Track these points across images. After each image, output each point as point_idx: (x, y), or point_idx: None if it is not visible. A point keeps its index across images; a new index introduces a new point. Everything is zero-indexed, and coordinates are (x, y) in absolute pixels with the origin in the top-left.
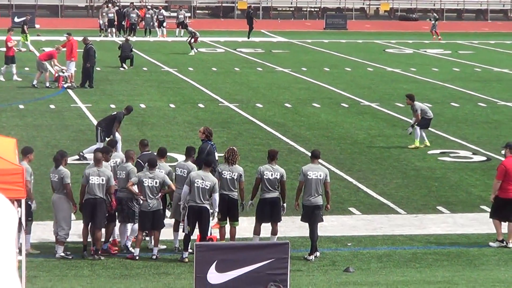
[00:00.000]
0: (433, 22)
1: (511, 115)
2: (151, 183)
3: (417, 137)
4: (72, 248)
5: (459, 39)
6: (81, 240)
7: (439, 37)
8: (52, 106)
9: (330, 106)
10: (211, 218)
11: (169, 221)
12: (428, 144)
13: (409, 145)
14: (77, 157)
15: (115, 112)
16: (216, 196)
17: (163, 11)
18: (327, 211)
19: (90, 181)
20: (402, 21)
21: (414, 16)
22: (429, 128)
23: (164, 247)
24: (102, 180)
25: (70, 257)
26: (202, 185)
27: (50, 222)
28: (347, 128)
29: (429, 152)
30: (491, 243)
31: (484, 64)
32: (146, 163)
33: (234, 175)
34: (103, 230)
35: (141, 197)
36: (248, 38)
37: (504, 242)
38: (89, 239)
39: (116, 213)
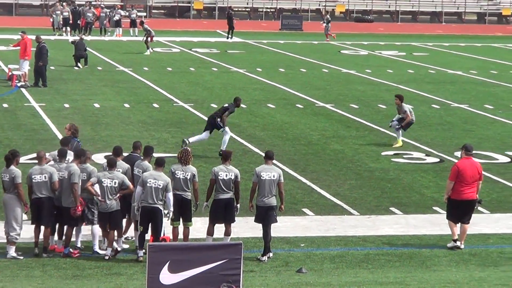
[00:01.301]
0: (325, 24)
1: (464, 117)
2: (110, 184)
3: (399, 136)
4: (24, 248)
5: (414, 41)
6: (33, 240)
7: (333, 35)
8: (5, 105)
9: (285, 107)
10: (165, 218)
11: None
12: (398, 142)
13: (392, 144)
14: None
15: (227, 104)
16: (170, 195)
17: (120, 10)
18: (281, 212)
19: (33, 180)
20: (358, 22)
21: (370, 18)
22: (383, 130)
23: (127, 246)
24: (45, 177)
25: (21, 258)
26: (155, 184)
27: (1, 222)
28: (301, 129)
29: (383, 153)
30: (448, 244)
31: (438, 66)
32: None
33: (187, 175)
34: (70, 232)
35: (100, 197)
36: (230, 38)
37: (458, 242)
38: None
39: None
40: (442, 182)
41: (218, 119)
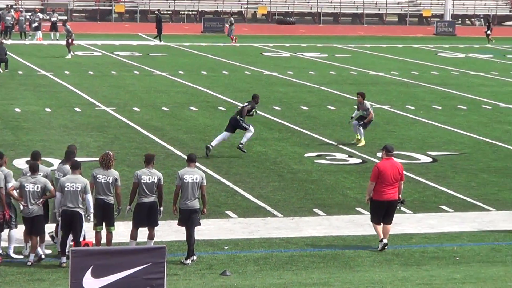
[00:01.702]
0: (228, 26)
1: (386, 118)
2: (32, 188)
3: (362, 135)
4: None
5: (336, 43)
6: None
7: (235, 38)
8: None
9: (207, 109)
10: (87, 221)
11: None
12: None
13: (352, 141)
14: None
15: (246, 104)
16: (89, 197)
17: (39, 13)
18: (204, 214)
19: None
20: (280, 24)
21: (291, 20)
22: (306, 131)
23: (50, 251)
24: None
25: None
26: (73, 188)
27: None
28: None
29: (306, 155)
30: (379, 247)
31: (360, 68)
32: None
33: (109, 179)
34: None
35: (22, 202)
36: (160, 41)
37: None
38: None
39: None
40: (364, 183)
41: (241, 120)
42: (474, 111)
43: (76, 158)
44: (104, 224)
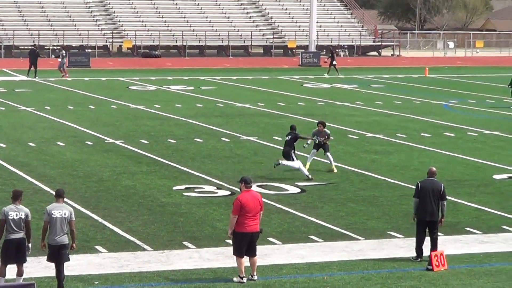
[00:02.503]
0: (60, 59)
1: (253, 149)
2: None
3: (332, 162)
4: None
5: (202, 75)
6: None
7: (66, 73)
8: None
9: (74, 144)
10: None
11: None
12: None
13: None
14: None
15: (289, 136)
16: None
17: None
18: (73, 250)
19: None
20: (145, 58)
21: (157, 53)
22: (174, 164)
23: None
24: None
25: None
26: None
27: None
28: (92, 166)
29: (175, 188)
30: (234, 278)
31: (226, 100)
32: None
33: None
34: None
35: None
36: (35, 77)
37: (249, 276)
38: None
39: None
40: None
41: (292, 151)
42: (341, 141)
43: None
44: None
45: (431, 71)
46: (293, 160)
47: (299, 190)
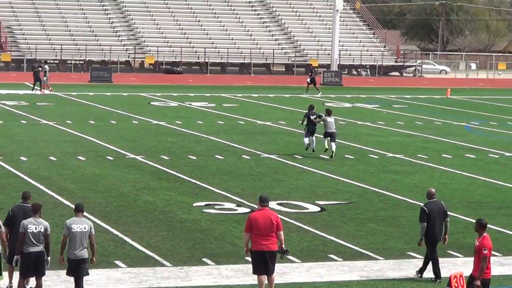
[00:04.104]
0: (44, 73)
1: (274, 167)
2: None
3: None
4: None
5: (223, 92)
6: None
7: (50, 88)
8: None
9: (95, 159)
10: None
11: None
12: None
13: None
14: None
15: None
16: None
17: None
18: (92, 264)
19: None
20: (167, 74)
21: (179, 69)
22: (195, 181)
23: None
24: None
25: None
26: None
27: None
28: (112, 181)
29: (194, 204)
30: None
31: (248, 117)
32: None
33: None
34: None
35: None
36: (32, 90)
37: None
38: None
39: None
40: None
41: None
42: (361, 161)
43: None
44: None
45: (453, 93)
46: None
47: (319, 209)
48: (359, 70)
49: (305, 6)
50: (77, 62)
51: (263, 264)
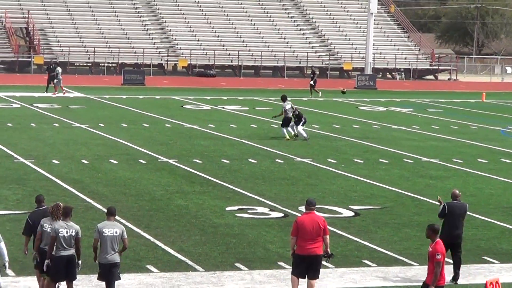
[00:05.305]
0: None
1: (308, 171)
2: None
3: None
4: None
5: (256, 96)
6: None
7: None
8: None
9: (127, 162)
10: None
11: None
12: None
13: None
14: None
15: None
16: (2, 245)
17: None
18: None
19: None
20: (200, 77)
21: (212, 72)
22: (227, 185)
23: None
24: None
25: None
26: None
27: None
28: (144, 185)
29: (227, 208)
30: None
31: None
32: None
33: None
34: None
35: None
36: (46, 92)
37: None
38: None
39: None
40: (286, 237)
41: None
42: (396, 165)
43: None
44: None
45: (488, 96)
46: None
47: (353, 213)
48: (393, 73)
49: (339, 9)
50: (110, 64)
51: (306, 267)
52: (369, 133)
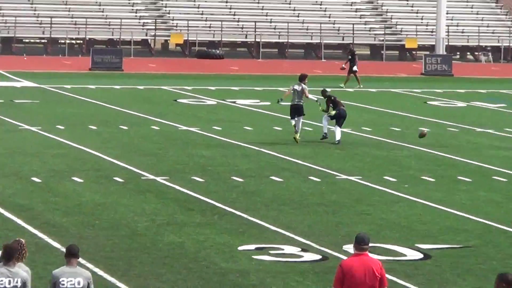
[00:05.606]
0: None
1: (356, 195)
2: None
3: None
4: None
5: (281, 85)
6: None
7: None
8: None
9: (97, 181)
10: None
11: None
12: None
13: None
14: None
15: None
16: None
17: None
18: None
19: None
20: (202, 59)
21: (219, 53)
22: (240, 213)
23: None
24: None
25: None
26: None
27: None
28: (122, 213)
29: (240, 248)
30: None
31: (317, 121)
32: None
33: None
34: None
35: None
36: None
37: None
38: None
39: None
40: None
41: None
42: (482, 185)
43: None
44: None
45: None
46: None
47: (421, 255)
48: (476, 54)
49: None
50: (73, 41)
51: None
52: (442, 138)
